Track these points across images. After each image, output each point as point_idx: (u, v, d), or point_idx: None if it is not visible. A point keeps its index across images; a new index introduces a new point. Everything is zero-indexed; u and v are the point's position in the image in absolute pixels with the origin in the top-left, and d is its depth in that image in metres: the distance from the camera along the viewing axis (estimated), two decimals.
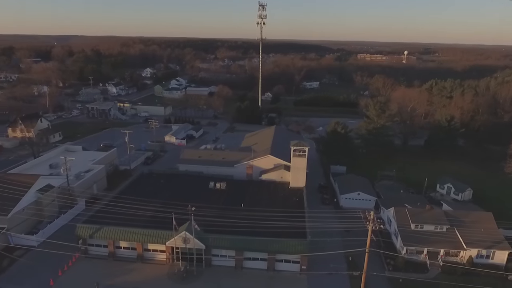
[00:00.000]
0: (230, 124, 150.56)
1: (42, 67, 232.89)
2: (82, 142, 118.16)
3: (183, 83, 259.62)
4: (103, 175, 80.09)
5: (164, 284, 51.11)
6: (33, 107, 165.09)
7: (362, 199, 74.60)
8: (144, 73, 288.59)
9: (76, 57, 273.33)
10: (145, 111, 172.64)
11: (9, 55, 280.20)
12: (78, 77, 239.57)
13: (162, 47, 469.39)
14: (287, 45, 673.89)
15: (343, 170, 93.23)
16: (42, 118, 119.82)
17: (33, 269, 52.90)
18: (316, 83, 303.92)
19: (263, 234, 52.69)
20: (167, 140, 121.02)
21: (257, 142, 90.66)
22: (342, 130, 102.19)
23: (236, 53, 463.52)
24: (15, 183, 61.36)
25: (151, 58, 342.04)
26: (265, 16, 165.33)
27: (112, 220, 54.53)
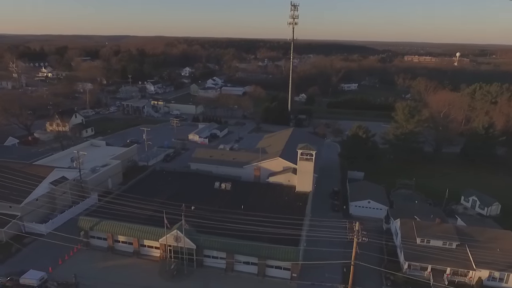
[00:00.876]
0: (256, 125, 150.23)
1: (89, 65, 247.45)
2: (111, 137, 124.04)
3: (219, 82, 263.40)
4: (118, 170, 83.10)
5: (153, 281, 51.90)
6: (76, 103, 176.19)
7: (372, 208, 71.05)
8: (183, 72, 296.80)
9: (120, 56, 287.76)
10: (177, 109, 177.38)
11: (62, 54, 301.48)
12: (121, 75, 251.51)
13: (206, 47, 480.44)
14: (330, 45, 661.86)
15: (360, 176, 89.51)
16: (77, 114, 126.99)
17: (38, 256, 56.08)
18: (355, 85, 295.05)
19: (256, 238, 51.78)
20: (190, 138, 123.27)
21: (271, 144, 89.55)
22: (363, 135, 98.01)
23: (276, 54, 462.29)
24: (30, 174, 65.54)
25: (192, 57, 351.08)
26: (297, 16, 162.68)
27: (113, 214, 56.46)
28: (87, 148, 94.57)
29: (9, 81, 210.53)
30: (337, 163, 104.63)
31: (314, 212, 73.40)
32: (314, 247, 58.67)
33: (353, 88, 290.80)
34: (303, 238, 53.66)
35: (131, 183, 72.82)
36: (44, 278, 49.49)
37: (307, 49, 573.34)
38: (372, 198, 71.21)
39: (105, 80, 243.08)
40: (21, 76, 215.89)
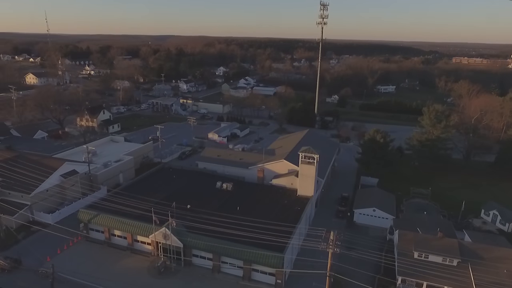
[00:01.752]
0: (279, 125, 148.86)
1: (127, 64, 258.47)
2: (135, 134, 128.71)
3: (251, 82, 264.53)
4: (130, 166, 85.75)
5: (140, 276, 52.90)
6: (110, 99, 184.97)
7: (377, 217, 67.71)
8: (217, 72, 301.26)
9: (158, 55, 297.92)
10: (205, 108, 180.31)
11: (104, 53, 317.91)
12: (157, 74, 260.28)
13: (244, 47, 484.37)
14: (373, 46, 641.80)
15: (374, 182, 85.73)
16: (105, 110, 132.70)
17: (40, 245, 59.14)
18: (392, 87, 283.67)
19: (244, 241, 50.98)
20: (210, 137, 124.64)
21: (282, 146, 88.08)
22: (381, 139, 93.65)
23: (314, 54, 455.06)
24: (42, 166, 69.41)
25: (228, 57, 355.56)
26: (326, 16, 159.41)
27: (111, 209, 58.15)
28: (107, 143, 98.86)
29: (55, 78, 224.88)
30: (355, 168, 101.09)
31: (317, 217, 71.86)
32: (305, 255, 57.24)
33: (390, 91, 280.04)
34: (289, 246, 51.96)
35: (137, 178, 74.87)
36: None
37: (347, 50, 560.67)
38: (378, 206, 67.82)
39: (142, 78, 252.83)
40: (65, 73, 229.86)
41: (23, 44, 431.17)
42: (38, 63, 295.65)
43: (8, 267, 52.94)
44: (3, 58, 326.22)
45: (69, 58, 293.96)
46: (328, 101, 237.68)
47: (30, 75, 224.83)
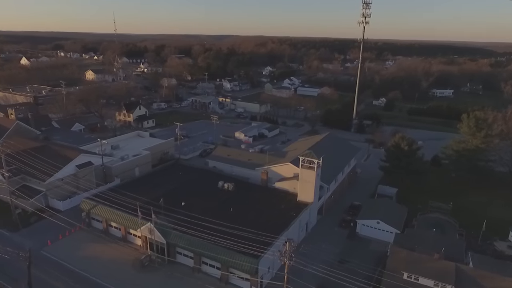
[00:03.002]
0: (311, 127, 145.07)
1: (177, 62, 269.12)
2: (167, 130, 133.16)
3: (296, 82, 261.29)
4: (147, 161, 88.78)
5: (124, 268, 54.48)
6: (154, 96, 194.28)
7: (381, 229, 62.98)
8: (264, 71, 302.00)
9: (207, 54, 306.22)
10: (243, 107, 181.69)
11: (159, 51, 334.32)
12: (204, 72, 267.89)
13: (298, 47, 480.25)
14: (437, 47, 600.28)
15: (392, 192, 79.88)
16: (141, 106, 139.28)
17: (47, 230, 63.48)
18: (450, 91, 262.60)
19: (224, 243, 50.35)
20: (236, 136, 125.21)
21: (297, 148, 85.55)
22: (406, 146, 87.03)
23: (370, 54, 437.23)
24: (61, 156, 74.65)
25: (277, 57, 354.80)
26: (369, 15, 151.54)
27: (112, 200, 60.64)
28: (133, 138, 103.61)
29: (111, 75, 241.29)
30: (380, 176, 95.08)
31: (319, 225, 68.89)
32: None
33: (447, 95, 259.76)
34: (266, 254, 50.12)
35: (146, 173, 77.58)
36: None
37: (407, 50, 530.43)
38: (383, 218, 63.03)
39: (189, 76, 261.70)
40: (120, 70, 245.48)
41: (92, 44, 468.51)
42: (100, 61, 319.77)
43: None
44: (73, 56, 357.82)
45: (127, 56, 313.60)
46: (374, 103, 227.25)
47: (89, 72, 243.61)
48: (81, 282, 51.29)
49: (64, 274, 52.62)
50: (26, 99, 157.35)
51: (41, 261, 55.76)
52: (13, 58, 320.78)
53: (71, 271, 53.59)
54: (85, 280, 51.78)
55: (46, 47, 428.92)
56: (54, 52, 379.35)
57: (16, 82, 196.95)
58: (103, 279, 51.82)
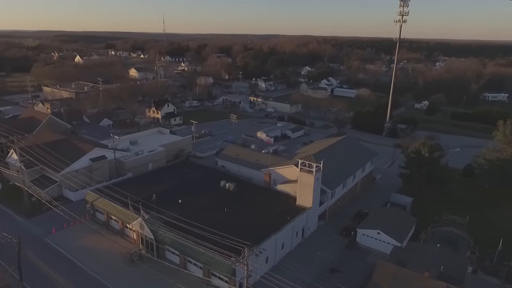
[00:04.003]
0: (338, 130, 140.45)
1: (216, 61, 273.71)
2: (190, 127, 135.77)
3: (334, 83, 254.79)
4: (162, 157, 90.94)
5: (113, 260, 55.96)
6: (189, 93, 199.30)
7: (381, 241, 59.22)
8: (302, 71, 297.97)
9: (246, 53, 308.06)
10: (273, 107, 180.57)
11: (200, 51, 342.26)
12: (241, 71, 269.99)
13: (344, 47, 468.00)
14: (496, 47, 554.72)
15: (406, 201, 74.88)
16: (169, 104, 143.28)
17: (56, 218, 66.72)
18: (505, 95, 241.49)
19: (205, 243, 50.24)
20: (258, 136, 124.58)
21: (308, 151, 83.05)
22: (426, 153, 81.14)
23: (418, 55, 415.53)
24: (77, 149, 78.78)
25: (318, 56, 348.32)
26: (407, 13, 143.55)
27: (116, 193, 62.74)
28: (153, 134, 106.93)
29: (151, 73, 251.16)
30: (396, 183, 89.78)
31: (319, 231, 66.61)
32: (281, 269, 53.75)
33: (501, 99, 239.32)
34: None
35: (155, 168, 79.53)
36: None
37: (463, 51, 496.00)
38: (384, 229, 59.19)
39: (227, 75, 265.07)
40: (160, 68, 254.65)
41: (141, 43, 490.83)
42: (145, 59, 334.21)
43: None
44: (122, 54, 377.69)
45: (170, 55, 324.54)
46: (417, 107, 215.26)
47: (132, 70, 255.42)
48: (71, 270, 53.70)
49: (58, 261, 55.47)
50: (70, 94, 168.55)
51: (42, 247, 59.29)
52: (69, 56, 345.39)
53: (66, 259, 56.32)
54: (75, 268, 54.19)
55: (99, 46, 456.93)
56: (105, 51, 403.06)
57: (65, 79, 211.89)
58: (92, 269, 53.86)
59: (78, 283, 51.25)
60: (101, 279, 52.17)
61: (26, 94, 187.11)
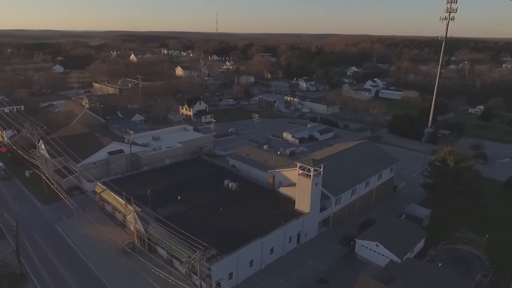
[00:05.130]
0: (371, 134, 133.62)
1: (259, 60, 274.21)
2: (221, 125, 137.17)
3: (380, 84, 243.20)
4: (179, 153, 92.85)
5: (106, 251, 58.13)
6: (227, 92, 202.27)
7: (380, 254, 55.10)
8: (348, 71, 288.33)
9: (291, 53, 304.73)
10: (309, 107, 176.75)
11: (246, 50, 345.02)
12: (285, 70, 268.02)
13: (399, 46, 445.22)
14: None
15: (423, 213, 69.08)
16: (201, 101, 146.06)
17: (69, 206, 71.45)
18: None
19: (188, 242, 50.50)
20: (284, 136, 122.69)
21: (324, 153, 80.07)
22: (452, 162, 74.13)
23: (483, 55, 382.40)
24: (98, 142, 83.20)
25: (366, 56, 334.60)
26: (454, 10, 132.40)
27: (124, 186, 65.53)
28: (178, 131, 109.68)
29: (196, 71, 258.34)
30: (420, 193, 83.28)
31: (319, 239, 64.36)
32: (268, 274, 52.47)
33: None
34: (230, 258, 48.32)
35: (167, 164, 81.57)
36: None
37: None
38: (384, 241, 54.99)
39: (269, 74, 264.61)
40: (204, 67, 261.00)
41: (194, 42, 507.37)
42: (193, 58, 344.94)
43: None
44: (173, 53, 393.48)
45: (217, 54, 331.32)
46: (470, 111, 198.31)
47: (178, 68, 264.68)
48: (69, 256, 56.97)
49: (60, 247, 59.25)
50: (114, 91, 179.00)
51: (50, 232, 63.56)
52: (125, 55, 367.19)
53: (67, 245, 59.84)
54: (73, 254, 57.38)
55: (154, 45, 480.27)
56: (158, 50, 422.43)
57: (116, 76, 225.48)
58: (86, 256, 56.74)
59: (71, 268, 54.12)
60: (91, 266, 54.75)
61: (80, 89, 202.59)
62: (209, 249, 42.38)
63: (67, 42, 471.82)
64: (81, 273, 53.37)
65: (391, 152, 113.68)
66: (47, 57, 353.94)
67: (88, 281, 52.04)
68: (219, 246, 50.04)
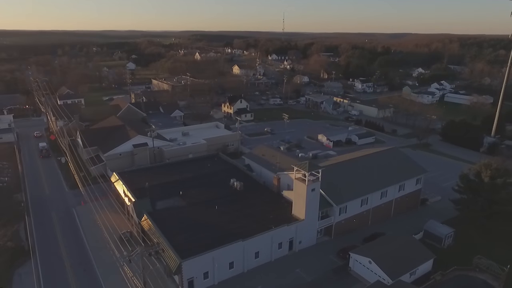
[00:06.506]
0: (418, 140, 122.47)
1: (315, 60, 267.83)
2: (260, 124, 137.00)
3: (447, 87, 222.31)
4: (203, 149, 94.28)
5: (112, 238, 60.94)
6: (277, 91, 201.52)
7: (372, 272, 50.09)
8: (414, 73, 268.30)
9: (351, 52, 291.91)
10: (359, 110, 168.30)
11: (305, 50, 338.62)
12: (343, 71, 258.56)
13: (484, 46, 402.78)
14: None
15: (444, 232, 61.45)
16: (242, 100, 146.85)
17: (91, 192, 76.84)
18: None
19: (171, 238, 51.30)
20: (319, 138, 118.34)
21: (344, 158, 75.51)
22: (486, 178, 64.72)
23: None
24: (124, 135, 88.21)
25: (437, 57, 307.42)
26: None
27: (137, 176, 69.29)
28: (209, 128, 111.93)
29: (251, 70, 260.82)
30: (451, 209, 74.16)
31: (316, 248, 61.37)
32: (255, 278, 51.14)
33: None
34: (205, 257, 47.86)
35: (185, 159, 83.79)
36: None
37: None
38: (378, 259, 49.86)
39: (326, 74, 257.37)
40: (260, 66, 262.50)
41: (257, 41, 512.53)
42: (253, 57, 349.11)
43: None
44: (236, 52, 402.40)
45: (277, 53, 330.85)
46: None
47: (235, 67, 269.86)
48: (73, 237, 61.26)
49: (70, 228, 64.34)
50: (168, 87, 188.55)
51: (66, 215, 68.98)
52: (191, 53, 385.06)
53: (76, 228, 64.39)
54: (78, 237, 61.58)
55: (219, 44, 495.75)
56: (222, 49, 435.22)
57: (176, 73, 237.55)
58: (88, 241, 60.34)
59: (70, 249, 58.37)
60: (89, 251, 58.14)
61: (142, 85, 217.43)
62: (155, 245, 42.48)
63: (143, 41, 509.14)
64: (78, 255, 57.09)
65: (437, 162, 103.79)
66: (123, 55, 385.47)
67: (81, 263, 55.43)
68: (196, 244, 50.19)
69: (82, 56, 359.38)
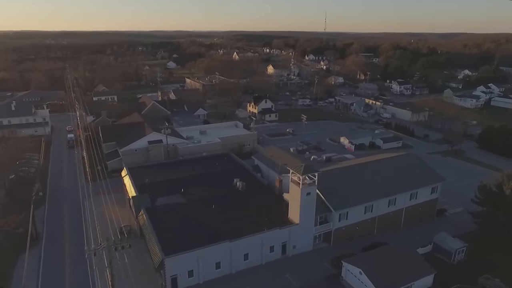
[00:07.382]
0: (450, 147, 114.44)
1: (352, 60, 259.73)
2: (284, 125, 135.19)
3: (495, 91, 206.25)
4: (217, 148, 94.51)
5: (109, 231, 62.92)
6: (307, 91, 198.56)
7: (363, 283, 47.27)
8: (460, 75, 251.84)
9: (391, 53, 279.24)
10: (392, 112, 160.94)
11: (343, 50, 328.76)
12: (381, 72, 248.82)
13: None
14: None
15: (455, 247, 56.82)
16: (267, 100, 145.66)
17: (105, 185, 79.92)
18: None
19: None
20: (341, 141, 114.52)
21: (354, 162, 72.40)
22: (508, 190, 58.83)
23: None
24: (142, 131, 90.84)
25: (488, 58, 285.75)
26: None
27: (145, 173, 71.33)
28: (228, 127, 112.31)
29: (285, 70, 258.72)
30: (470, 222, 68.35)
31: (312, 254, 59.04)
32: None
33: None
34: (190, 256, 47.90)
35: (195, 157, 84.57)
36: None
37: None
38: (369, 270, 46.92)
39: (362, 75, 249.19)
40: (294, 66, 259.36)
41: (297, 41, 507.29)
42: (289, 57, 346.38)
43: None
44: (274, 52, 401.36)
45: (314, 53, 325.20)
46: None
47: (270, 67, 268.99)
48: (78, 230, 63.77)
49: (77, 219, 66.82)
50: (199, 85, 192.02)
51: (77, 206, 72.05)
52: (230, 53, 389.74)
53: (82, 220, 67.02)
54: (81, 229, 64.05)
55: (258, 44, 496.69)
56: (260, 49, 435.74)
57: (210, 72, 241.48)
58: (93, 233, 62.62)
59: (73, 239, 60.81)
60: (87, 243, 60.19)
61: (177, 83, 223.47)
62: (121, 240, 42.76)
63: (185, 41, 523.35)
64: (77, 246, 59.40)
65: (468, 171, 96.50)
66: (166, 55, 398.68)
67: (78, 252, 57.59)
68: (183, 242, 50.28)
69: (128, 55, 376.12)
